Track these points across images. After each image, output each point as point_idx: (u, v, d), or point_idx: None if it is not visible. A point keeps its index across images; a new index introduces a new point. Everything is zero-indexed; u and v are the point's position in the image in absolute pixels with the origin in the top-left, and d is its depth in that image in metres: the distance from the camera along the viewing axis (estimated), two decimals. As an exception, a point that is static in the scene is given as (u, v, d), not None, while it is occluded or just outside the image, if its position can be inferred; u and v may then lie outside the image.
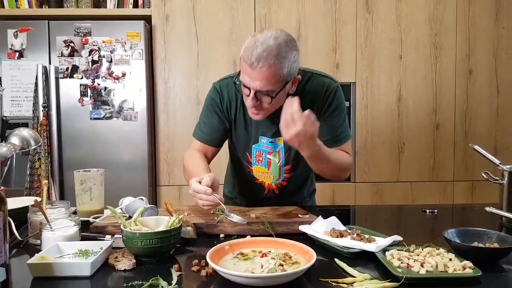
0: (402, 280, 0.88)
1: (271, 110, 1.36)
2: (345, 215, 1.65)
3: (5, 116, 1.37)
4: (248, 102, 1.31)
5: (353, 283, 0.90)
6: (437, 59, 3.08)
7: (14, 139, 1.27)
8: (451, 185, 3.15)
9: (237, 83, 1.36)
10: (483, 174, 1.46)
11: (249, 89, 1.28)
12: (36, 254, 1.00)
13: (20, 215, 1.29)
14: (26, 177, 2.66)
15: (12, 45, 2.78)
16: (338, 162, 1.42)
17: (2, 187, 1.30)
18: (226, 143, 1.63)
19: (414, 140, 3.12)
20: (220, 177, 1.97)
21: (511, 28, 3.09)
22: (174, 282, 0.88)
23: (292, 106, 1.17)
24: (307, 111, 1.16)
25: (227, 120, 1.53)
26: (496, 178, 1.44)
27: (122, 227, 1.08)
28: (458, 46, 3.08)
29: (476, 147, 1.51)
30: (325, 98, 1.45)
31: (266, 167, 1.55)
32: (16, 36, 2.77)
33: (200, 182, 1.23)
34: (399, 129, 3.11)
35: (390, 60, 3.06)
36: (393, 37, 3.05)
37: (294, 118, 1.15)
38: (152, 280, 0.86)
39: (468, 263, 0.94)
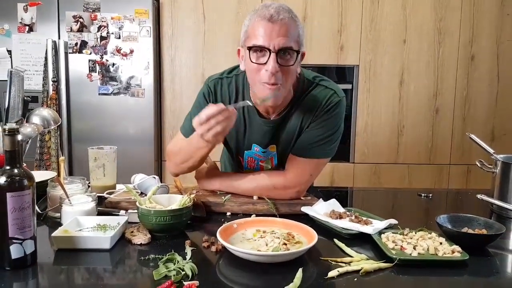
0: (396, 261, 0.96)
1: (288, 82, 1.26)
2: (343, 197, 1.73)
3: (26, 96, 1.43)
4: (269, 67, 1.19)
5: (351, 262, 0.97)
6: (440, 44, 3.10)
7: (36, 119, 1.33)
8: (447, 169, 3.22)
9: (242, 69, 1.31)
10: (477, 163, 1.52)
11: (269, 50, 1.18)
12: (59, 228, 1.07)
13: (37, 189, 1.35)
14: (36, 149, 2.73)
15: (22, 18, 2.80)
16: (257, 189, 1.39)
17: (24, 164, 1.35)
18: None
19: (413, 124, 3.17)
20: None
21: (516, 15, 3.09)
22: (188, 257, 0.96)
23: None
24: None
25: None
26: (490, 166, 1.50)
27: (137, 204, 1.15)
28: (461, 32, 3.09)
29: (472, 136, 1.57)
30: (319, 110, 1.35)
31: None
32: (26, 10, 2.79)
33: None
34: (399, 113, 3.16)
35: (394, 44, 3.08)
36: (398, 21, 3.06)
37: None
38: (168, 255, 0.94)
39: (457, 248, 1.02)
